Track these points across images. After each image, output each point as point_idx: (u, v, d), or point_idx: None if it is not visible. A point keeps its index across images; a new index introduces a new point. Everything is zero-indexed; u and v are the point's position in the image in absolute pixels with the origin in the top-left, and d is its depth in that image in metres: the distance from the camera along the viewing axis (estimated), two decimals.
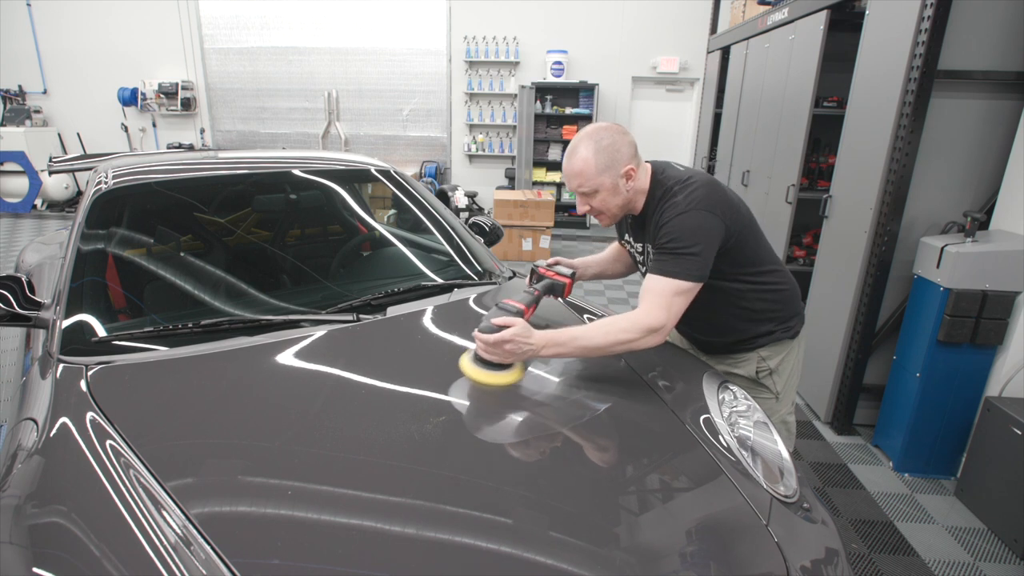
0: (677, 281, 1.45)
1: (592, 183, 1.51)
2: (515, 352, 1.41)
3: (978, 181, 2.66)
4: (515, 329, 1.40)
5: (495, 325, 1.42)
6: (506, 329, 1.40)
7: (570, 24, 7.91)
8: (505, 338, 1.40)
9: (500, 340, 1.40)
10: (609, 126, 1.53)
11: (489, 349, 1.42)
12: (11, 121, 8.32)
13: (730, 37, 5.20)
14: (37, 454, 1.15)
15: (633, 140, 1.54)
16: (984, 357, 2.56)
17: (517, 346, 1.40)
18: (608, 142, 1.49)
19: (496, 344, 1.40)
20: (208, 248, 2.06)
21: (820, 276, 3.27)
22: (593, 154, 1.48)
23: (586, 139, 1.50)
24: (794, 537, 1.18)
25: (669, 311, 1.45)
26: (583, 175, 1.50)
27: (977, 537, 2.36)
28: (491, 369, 1.44)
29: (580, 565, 0.98)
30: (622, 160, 1.50)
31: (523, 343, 1.41)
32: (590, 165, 1.49)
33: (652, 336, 1.45)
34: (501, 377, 1.44)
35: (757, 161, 4.29)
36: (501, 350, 1.41)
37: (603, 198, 1.54)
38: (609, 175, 1.50)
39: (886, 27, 2.74)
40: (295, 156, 2.42)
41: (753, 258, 1.62)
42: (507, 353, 1.41)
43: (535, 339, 1.42)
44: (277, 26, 8.20)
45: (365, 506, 1.05)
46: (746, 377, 1.75)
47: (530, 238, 6.61)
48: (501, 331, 1.40)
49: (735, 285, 1.63)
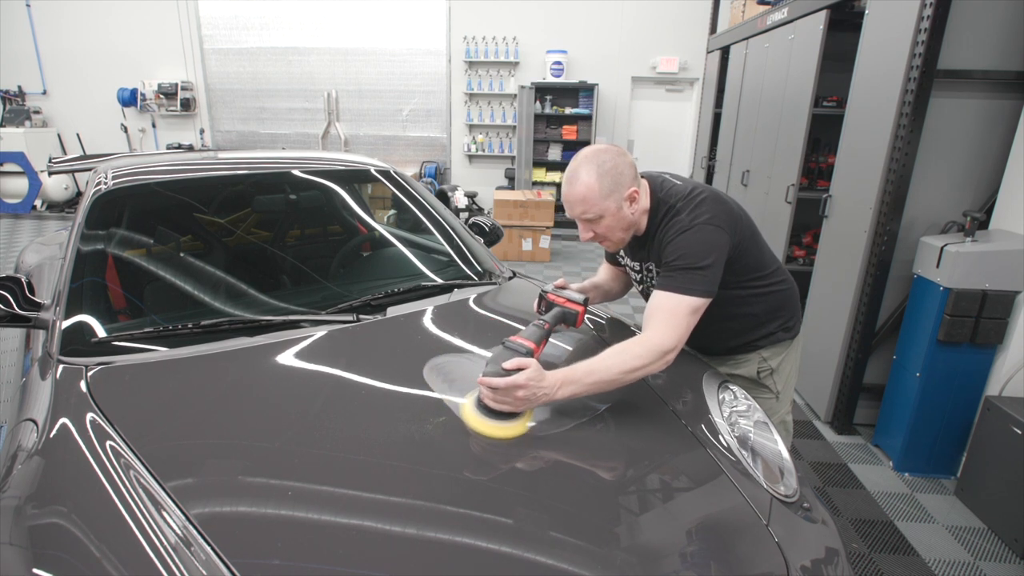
0: (689, 298, 1.39)
1: (597, 208, 1.43)
2: (528, 399, 1.25)
3: (978, 181, 2.66)
4: (528, 373, 1.24)
5: (505, 370, 1.25)
6: (518, 373, 1.24)
7: (570, 24, 7.92)
8: (518, 383, 1.23)
9: (512, 386, 1.23)
10: (608, 148, 1.46)
11: (498, 397, 1.24)
12: (11, 122, 8.31)
13: (730, 37, 5.20)
14: (37, 455, 1.15)
15: (633, 161, 1.48)
16: (984, 357, 2.56)
17: (530, 392, 1.24)
18: (611, 164, 1.42)
19: (507, 391, 1.23)
20: (208, 248, 2.06)
21: (820, 276, 3.27)
22: (596, 178, 1.41)
23: (586, 163, 1.43)
24: (794, 537, 1.18)
25: (681, 330, 1.38)
26: (587, 201, 1.43)
27: (977, 536, 2.36)
28: (498, 419, 1.27)
29: (580, 565, 0.98)
30: (626, 183, 1.43)
31: (536, 388, 1.25)
32: (594, 190, 1.41)
33: (666, 357, 1.36)
34: (509, 429, 1.26)
35: (757, 161, 4.29)
36: (513, 398, 1.24)
37: (608, 224, 1.47)
38: (614, 199, 1.43)
39: (886, 27, 2.74)
40: (295, 156, 2.41)
41: (754, 264, 1.61)
42: (519, 401, 1.25)
43: (548, 382, 1.26)
44: (277, 26, 8.20)
45: (365, 506, 1.05)
46: (747, 377, 1.75)
47: (530, 238, 6.61)
48: (511, 375, 1.24)
49: (737, 292, 1.61)
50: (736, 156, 4.77)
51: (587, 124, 7.91)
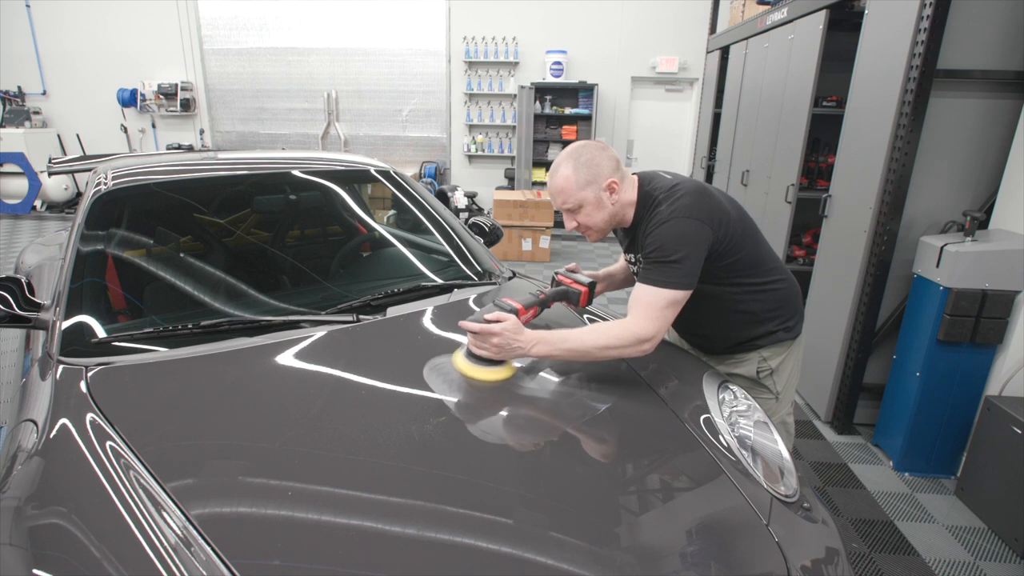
0: (665, 291, 1.46)
1: (575, 198, 1.52)
2: (503, 347, 1.42)
3: (977, 180, 2.66)
4: (504, 324, 1.42)
5: (485, 319, 1.44)
6: (496, 324, 1.42)
7: (569, 24, 7.91)
8: (493, 331, 1.41)
9: (487, 332, 1.41)
10: (589, 143, 1.55)
11: (476, 341, 1.44)
12: (10, 122, 8.31)
13: (729, 37, 5.20)
14: (37, 455, 1.15)
15: (615, 155, 1.55)
16: (984, 356, 2.56)
17: (505, 340, 1.41)
18: (587, 157, 1.51)
19: (483, 336, 1.42)
20: (208, 249, 2.06)
21: (820, 276, 3.27)
22: (573, 171, 1.50)
23: (566, 158, 1.53)
24: (794, 537, 1.18)
25: (659, 321, 1.46)
26: (565, 191, 1.52)
27: (977, 536, 2.36)
28: (482, 364, 1.44)
29: (580, 565, 0.98)
30: (603, 174, 1.51)
31: (511, 339, 1.41)
32: (571, 181, 1.51)
33: (642, 345, 1.45)
34: (491, 373, 1.44)
35: (756, 161, 4.29)
36: (489, 344, 1.42)
37: (588, 212, 1.55)
38: (591, 189, 1.51)
39: (885, 26, 2.74)
40: (295, 157, 2.41)
41: (752, 262, 1.62)
42: (495, 348, 1.42)
43: (524, 337, 1.43)
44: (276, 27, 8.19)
45: (365, 507, 1.05)
46: (746, 377, 1.74)
47: (530, 238, 6.61)
48: (490, 325, 1.42)
49: (734, 290, 1.62)
50: (736, 156, 4.77)
51: (587, 124, 7.91)
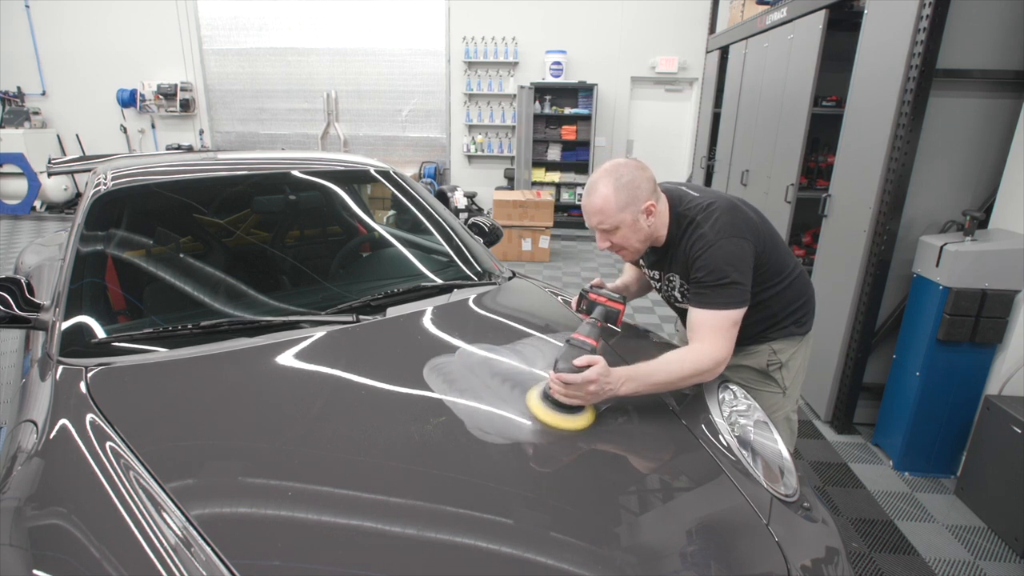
0: (727, 312, 1.47)
1: (613, 220, 1.49)
2: (597, 394, 1.32)
3: (977, 180, 2.66)
4: (598, 369, 1.31)
5: (577, 366, 1.31)
6: (589, 369, 1.31)
7: (569, 24, 7.92)
8: (590, 379, 1.30)
9: (585, 381, 1.30)
10: (628, 162, 1.51)
11: (570, 392, 1.31)
12: (10, 123, 8.31)
13: (729, 37, 5.20)
14: (37, 456, 1.15)
15: (652, 175, 1.52)
16: (984, 356, 2.56)
17: (600, 387, 1.31)
18: (628, 178, 1.47)
19: (580, 386, 1.30)
20: (208, 249, 2.06)
21: (820, 275, 3.27)
22: (613, 191, 1.47)
23: (605, 176, 1.49)
24: (794, 536, 1.18)
25: (730, 342, 1.48)
26: (603, 212, 1.48)
27: (977, 535, 2.36)
28: (566, 413, 1.32)
29: (580, 565, 0.98)
30: (642, 196, 1.48)
31: (605, 383, 1.32)
32: (610, 202, 1.47)
33: (719, 368, 1.46)
34: (576, 421, 1.32)
35: (756, 160, 4.29)
36: (585, 392, 1.31)
37: (624, 234, 1.52)
38: (630, 211, 1.48)
39: (885, 26, 2.74)
40: (294, 157, 2.41)
41: (776, 268, 1.63)
42: (590, 395, 1.32)
43: (613, 377, 1.34)
44: (276, 27, 8.19)
45: (365, 507, 1.05)
46: (755, 369, 1.75)
47: (530, 238, 6.61)
48: (583, 371, 1.31)
49: (760, 296, 1.63)
50: (735, 156, 4.77)
51: (586, 124, 7.91)
